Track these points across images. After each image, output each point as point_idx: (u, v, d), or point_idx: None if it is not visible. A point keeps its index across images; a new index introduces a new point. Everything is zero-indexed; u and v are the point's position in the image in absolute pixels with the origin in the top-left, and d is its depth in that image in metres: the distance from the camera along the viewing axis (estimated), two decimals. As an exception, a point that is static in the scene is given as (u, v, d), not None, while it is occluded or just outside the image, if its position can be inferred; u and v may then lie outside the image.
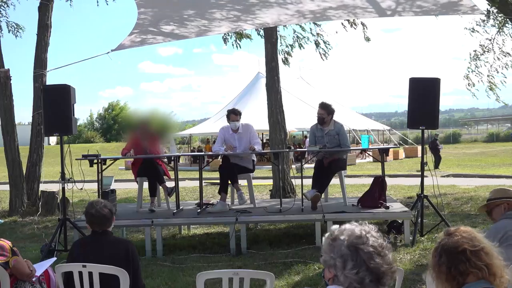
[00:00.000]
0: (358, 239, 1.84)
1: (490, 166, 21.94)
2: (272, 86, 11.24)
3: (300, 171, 7.76)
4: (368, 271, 1.79)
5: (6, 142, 10.51)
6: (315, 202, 6.88)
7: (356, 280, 1.80)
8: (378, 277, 1.81)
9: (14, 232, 8.56)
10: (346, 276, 1.81)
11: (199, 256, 6.42)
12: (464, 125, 78.65)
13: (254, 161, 7.72)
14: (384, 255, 1.83)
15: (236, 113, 7.53)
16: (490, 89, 13.49)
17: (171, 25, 7.23)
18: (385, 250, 1.85)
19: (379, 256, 1.82)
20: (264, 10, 7.07)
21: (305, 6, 7.10)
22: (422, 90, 6.82)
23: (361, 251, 1.81)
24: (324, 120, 7.24)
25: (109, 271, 3.37)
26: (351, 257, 1.81)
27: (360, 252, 1.81)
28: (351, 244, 1.83)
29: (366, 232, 1.87)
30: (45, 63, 10.76)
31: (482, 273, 1.99)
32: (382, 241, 1.87)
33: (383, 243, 1.87)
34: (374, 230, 1.91)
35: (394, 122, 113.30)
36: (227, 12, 7.06)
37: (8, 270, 3.50)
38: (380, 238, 1.89)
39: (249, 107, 26.13)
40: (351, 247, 1.83)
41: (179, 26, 7.25)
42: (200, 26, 7.32)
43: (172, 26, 7.24)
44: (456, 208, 9.65)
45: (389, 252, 1.87)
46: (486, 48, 13.40)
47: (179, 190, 7.41)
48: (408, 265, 5.67)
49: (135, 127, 8.11)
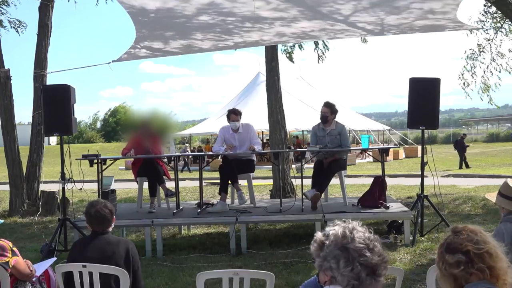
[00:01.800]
0: (344, 239, 1.87)
1: (490, 166, 21.94)
2: (272, 86, 11.25)
3: (300, 171, 7.76)
4: (362, 266, 1.83)
5: (6, 142, 10.51)
6: (315, 201, 6.89)
7: (353, 277, 1.83)
8: (373, 270, 1.84)
9: (14, 232, 8.55)
10: (343, 275, 1.84)
11: (199, 256, 6.42)
12: (464, 125, 78.61)
13: (254, 161, 7.72)
14: (373, 247, 1.87)
15: (236, 113, 7.53)
16: (484, 90, 13.49)
17: (157, 43, 7.30)
18: (373, 242, 1.88)
19: (369, 249, 1.85)
20: (242, 33, 7.14)
21: (284, 30, 7.19)
22: (422, 90, 6.82)
23: (350, 249, 1.85)
24: (327, 118, 7.25)
25: (109, 271, 3.37)
26: (343, 256, 1.84)
27: (350, 250, 1.84)
28: (340, 245, 1.87)
29: (350, 230, 1.90)
30: (45, 63, 10.76)
31: (484, 275, 1.99)
32: (368, 234, 1.90)
33: (370, 235, 1.90)
34: (358, 225, 1.94)
35: (394, 122, 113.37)
36: (207, 34, 7.13)
37: (8, 270, 3.50)
38: (366, 231, 1.92)
39: (249, 107, 26.12)
40: (340, 247, 1.86)
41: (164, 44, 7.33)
42: (184, 44, 7.40)
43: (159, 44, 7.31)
44: (456, 208, 9.64)
45: (378, 243, 1.90)
46: (483, 49, 13.41)
47: (179, 190, 7.41)
48: (408, 265, 5.67)
49: (137, 127, 8.11)
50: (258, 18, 6.49)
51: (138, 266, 3.61)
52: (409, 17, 6.72)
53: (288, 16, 6.47)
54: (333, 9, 6.27)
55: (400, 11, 6.45)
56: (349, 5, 6.11)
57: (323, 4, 6.08)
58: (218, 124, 15.88)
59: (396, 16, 6.65)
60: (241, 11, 6.25)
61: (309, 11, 6.35)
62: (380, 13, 6.48)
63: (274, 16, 6.36)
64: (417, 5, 6.26)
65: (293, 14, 6.36)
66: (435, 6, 6.30)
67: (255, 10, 6.08)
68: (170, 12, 6.18)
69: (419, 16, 6.65)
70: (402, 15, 6.60)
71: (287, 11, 6.25)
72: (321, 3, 6.04)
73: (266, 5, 5.92)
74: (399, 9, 6.36)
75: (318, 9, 6.28)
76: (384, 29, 7.24)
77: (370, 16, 6.60)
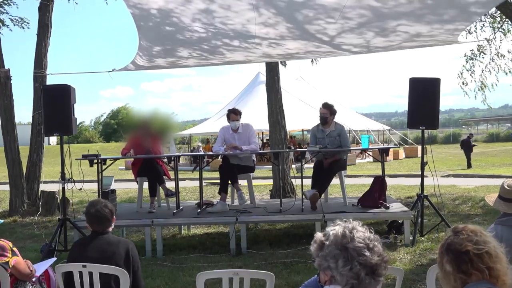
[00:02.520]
0: (343, 238, 1.87)
1: (490, 166, 21.94)
2: (272, 86, 11.25)
3: (300, 171, 7.76)
4: (361, 265, 1.83)
5: (6, 142, 10.51)
6: (314, 201, 6.88)
7: (352, 276, 1.83)
8: (372, 270, 1.84)
9: (14, 232, 8.56)
10: (342, 275, 1.84)
11: (199, 256, 6.42)
12: (464, 125, 78.59)
13: (254, 161, 7.72)
14: (373, 246, 1.87)
15: (236, 113, 7.53)
16: (479, 89, 13.56)
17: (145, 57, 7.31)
18: (373, 242, 1.88)
19: (368, 249, 1.85)
20: (228, 53, 7.15)
21: (270, 51, 7.20)
22: (422, 90, 6.82)
23: (350, 248, 1.85)
24: (327, 119, 7.25)
25: (109, 271, 3.37)
26: (342, 255, 1.85)
27: (349, 249, 1.85)
28: (339, 245, 1.87)
29: (350, 230, 1.90)
30: (45, 63, 10.76)
31: (483, 275, 2.00)
32: (368, 234, 1.90)
33: (370, 235, 1.90)
34: (358, 225, 1.94)
35: (394, 122, 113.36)
36: (193, 51, 7.14)
37: (8, 270, 3.50)
38: (366, 231, 1.92)
39: (249, 107, 26.11)
40: (340, 247, 1.86)
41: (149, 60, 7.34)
42: (170, 59, 7.42)
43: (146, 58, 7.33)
44: (456, 208, 9.65)
45: (378, 243, 1.90)
46: (483, 49, 13.42)
47: (179, 190, 7.41)
48: (408, 265, 5.67)
49: (136, 127, 8.11)
50: (246, 36, 6.49)
51: (138, 266, 3.60)
52: (395, 40, 6.74)
53: (275, 35, 6.46)
54: (320, 27, 6.25)
55: (388, 33, 6.45)
56: (337, 24, 6.11)
57: (313, 21, 6.07)
58: (218, 124, 15.90)
59: (383, 38, 6.66)
60: (233, 23, 6.23)
61: (297, 29, 6.33)
62: (367, 34, 6.46)
63: (262, 32, 6.34)
64: (404, 28, 6.26)
65: (281, 31, 6.34)
66: (422, 30, 6.32)
67: (246, 23, 6.08)
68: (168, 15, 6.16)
69: (406, 39, 6.68)
70: (389, 37, 6.63)
71: (275, 27, 6.22)
72: (312, 20, 6.03)
73: (258, 17, 5.90)
74: (387, 31, 6.36)
75: (306, 28, 6.26)
76: (370, 50, 7.28)
77: (357, 37, 6.59)
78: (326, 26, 6.19)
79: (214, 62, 7.80)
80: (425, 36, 6.55)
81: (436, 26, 6.15)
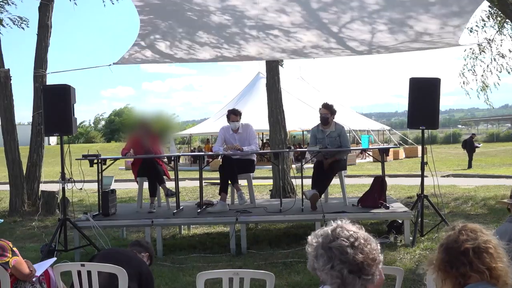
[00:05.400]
0: (327, 238, 1.85)
1: (490, 166, 21.94)
2: (272, 86, 11.25)
3: (300, 171, 7.76)
4: (344, 263, 1.78)
5: (6, 142, 10.51)
6: (313, 201, 6.88)
7: (335, 275, 1.79)
8: (358, 268, 1.79)
9: (14, 232, 8.56)
10: (326, 274, 1.82)
11: (199, 256, 6.42)
12: (464, 125, 78.56)
13: (254, 161, 7.72)
14: (358, 245, 1.81)
15: (236, 113, 7.53)
16: (482, 89, 13.55)
17: (163, 42, 7.34)
18: (359, 240, 1.82)
19: (352, 247, 1.80)
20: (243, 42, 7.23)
21: (282, 44, 7.24)
22: (422, 90, 6.82)
23: (333, 247, 1.82)
24: (327, 120, 7.25)
25: (109, 270, 3.37)
26: (326, 255, 1.82)
27: (332, 248, 1.81)
28: (324, 244, 1.85)
29: (335, 229, 1.86)
30: (45, 63, 10.75)
31: (483, 276, 1.96)
32: (355, 233, 1.84)
33: (358, 233, 1.85)
34: (350, 224, 1.90)
35: (394, 122, 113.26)
36: (212, 36, 7.21)
37: (8, 270, 3.50)
38: (357, 230, 1.87)
39: (249, 107, 26.10)
40: (324, 246, 1.84)
41: (171, 45, 7.37)
42: (187, 49, 7.45)
43: (165, 43, 7.36)
44: (456, 208, 9.64)
45: (368, 242, 1.84)
46: (484, 48, 13.42)
47: (179, 190, 7.41)
48: (408, 265, 5.67)
49: (136, 127, 8.11)
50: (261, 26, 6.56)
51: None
52: (399, 39, 6.81)
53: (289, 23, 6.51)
54: (335, 16, 6.31)
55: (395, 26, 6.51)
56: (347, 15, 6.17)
57: (328, 8, 6.14)
58: (218, 124, 15.87)
59: (389, 35, 6.71)
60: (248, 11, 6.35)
61: (310, 16, 6.39)
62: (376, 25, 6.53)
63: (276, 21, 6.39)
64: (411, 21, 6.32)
65: (295, 18, 6.40)
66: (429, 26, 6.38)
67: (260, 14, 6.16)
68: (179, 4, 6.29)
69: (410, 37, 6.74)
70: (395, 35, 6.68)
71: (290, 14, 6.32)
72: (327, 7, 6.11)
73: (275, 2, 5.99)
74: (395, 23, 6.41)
75: (319, 15, 6.33)
76: (371, 50, 7.34)
77: (363, 29, 6.67)
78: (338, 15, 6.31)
79: (226, 55, 7.81)
80: (430, 35, 6.57)
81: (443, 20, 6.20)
